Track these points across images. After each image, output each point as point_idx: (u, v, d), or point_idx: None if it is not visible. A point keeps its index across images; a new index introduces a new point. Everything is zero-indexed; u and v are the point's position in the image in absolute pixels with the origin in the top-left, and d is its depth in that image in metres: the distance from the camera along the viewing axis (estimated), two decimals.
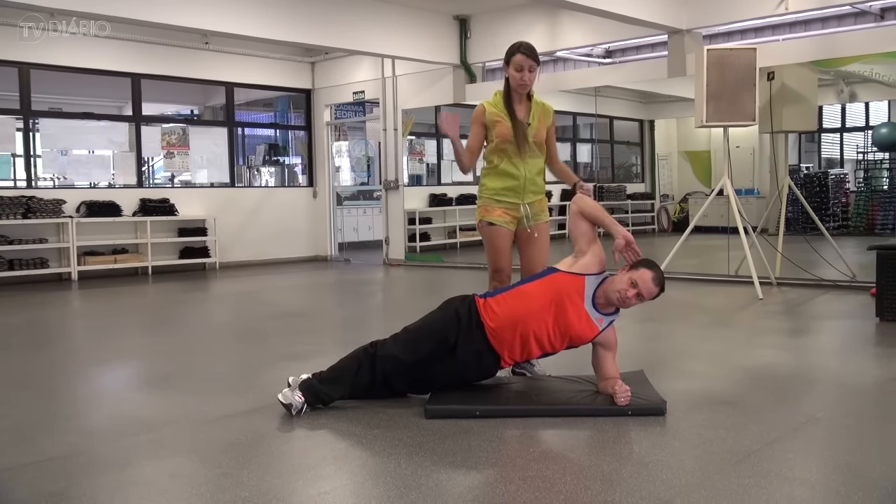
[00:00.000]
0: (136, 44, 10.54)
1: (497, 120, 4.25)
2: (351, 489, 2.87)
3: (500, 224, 4.29)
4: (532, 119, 4.29)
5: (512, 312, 3.67)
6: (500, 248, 4.31)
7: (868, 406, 3.88)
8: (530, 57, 4.19)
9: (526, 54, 4.19)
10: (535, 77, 4.24)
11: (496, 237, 4.31)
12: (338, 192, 13.49)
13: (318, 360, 4.14)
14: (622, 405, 3.55)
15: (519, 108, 4.28)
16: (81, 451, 3.29)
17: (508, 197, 4.29)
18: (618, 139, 14.41)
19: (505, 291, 3.81)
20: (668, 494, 2.68)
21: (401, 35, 10.33)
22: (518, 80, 4.21)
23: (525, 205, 4.31)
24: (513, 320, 3.67)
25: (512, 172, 4.28)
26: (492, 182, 4.32)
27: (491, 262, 4.36)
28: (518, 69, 4.19)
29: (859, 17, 8.78)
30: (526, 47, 4.22)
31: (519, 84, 4.22)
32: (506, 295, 3.76)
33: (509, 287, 3.89)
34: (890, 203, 10.60)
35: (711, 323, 6.39)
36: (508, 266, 4.32)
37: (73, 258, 10.10)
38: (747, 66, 7.34)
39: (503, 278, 4.30)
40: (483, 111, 4.29)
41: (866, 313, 6.18)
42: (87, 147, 11.41)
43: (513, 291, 3.78)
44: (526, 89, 4.26)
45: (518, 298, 3.71)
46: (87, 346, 6.05)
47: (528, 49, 4.22)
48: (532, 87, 4.30)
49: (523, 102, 4.31)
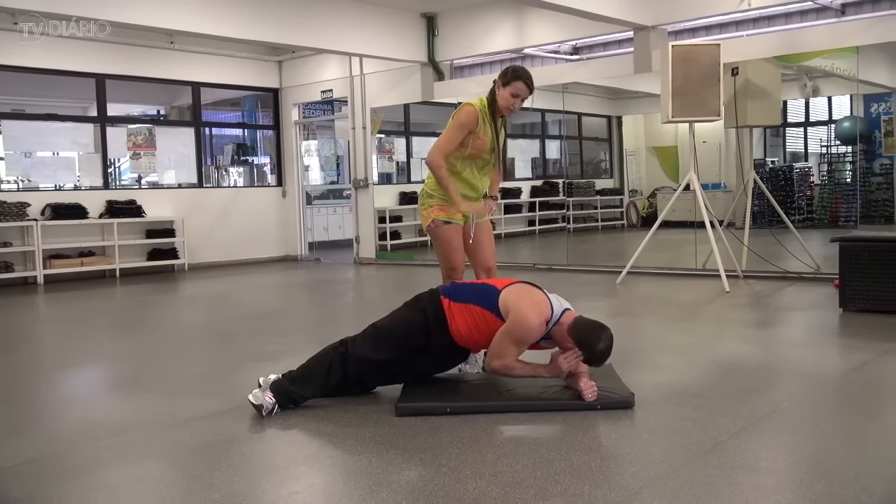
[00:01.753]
0: (101, 44, 10.38)
1: (479, 135, 4.28)
2: (322, 488, 2.88)
3: (456, 221, 4.34)
4: (501, 139, 4.42)
5: (468, 328, 3.71)
6: (458, 246, 4.38)
7: (831, 396, 3.95)
8: (529, 88, 4.27)
9: (527, 85, 4.25)
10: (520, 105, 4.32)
11: (454, 235, 4.35)
12: (307, 191, 13.43)
13: (289, 360, 4.13)
14: (590, 401, 3.59)
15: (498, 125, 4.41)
16: (50, 455, 3.26)
17: None
18: (586, 135, 14.50)
19: (466, 302, 3.74)
20: (637, 486, 2.71)
21: (368, 33, 10.30)
22: (508, 104, 4.27)
23: None
24: (470, 333, 3.73)
25: (473, 184, 4.39)
26: None
27: (448, 260, 4.39)
28: (514, 94, 4.25)
29: (821, 12, 8.89)
30: (528, 77, 4.28)
31: (507, 107, 4.28)
32: (465, 309, 3.72)
33: (473, 286, 3.90)
34: (853, 196, 10.77)
35: (679, 316, 6.46)
36: (462, 264, 4.39)
37: (39, 261, 9.96)
38: (712, 62, 7.42)
39: (458, 277, 4.34)
40: (476, 118, 4.26)
41: (830, 304, 6.28)
42: (51, 149, 11.26)
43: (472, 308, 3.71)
44: (510, 114, 4.34)
45: (475, 317, 3.70)
46: (54, 350, 5.98)
47: (529, 80, 4.28)
48: None
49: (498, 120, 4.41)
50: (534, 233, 13.70)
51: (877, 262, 5.86)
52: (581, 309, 3.87)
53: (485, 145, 4.30)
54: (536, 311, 3.60)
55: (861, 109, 10.80)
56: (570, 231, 12.50)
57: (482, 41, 10.54)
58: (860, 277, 5.94)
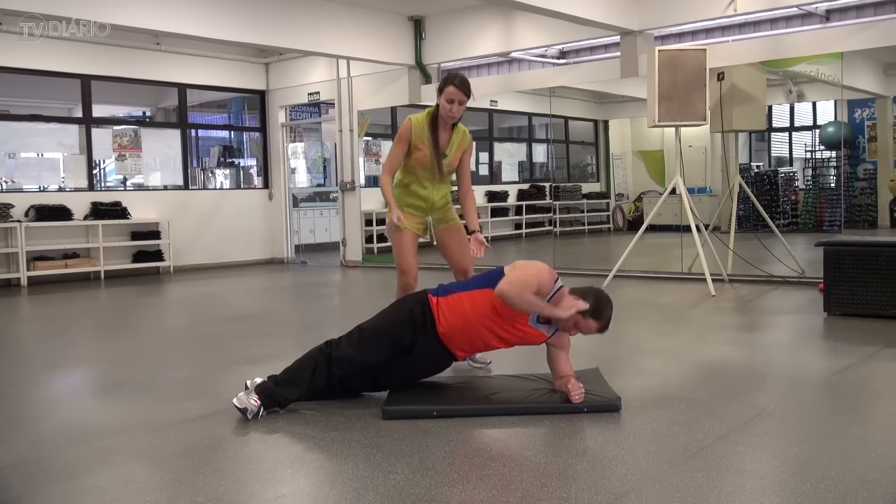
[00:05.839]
0: (86, 44, 10.34)
1: (419, 146, 4.39)
2: (308, 492, 2.87)
3: (406, 227, 4.44)
4: (450, 150, 4.46)
5: (461, 319, 3.71)
6: (405, 249, 4.48)
7: (816, 399, 3.97)
8: (462, 91, 4.33)
9: (458, 87, 4.33)
10: (463, 110, 4.39)
11: (401, 239, 4.48)
12: (294, 193, 13.41)
13: (276, 362, 4.12)
14: (577, 403, 3.59)
15: (442, 136, 4.45)
16: (33, 458, 3.23)
17: (414, 210, 4.51)
18: (573, 139, 14.55)
19: (457, 292, 3.79)
20: (623, 489, 2.72)
21: (355, 36, 10.30)
22: (447, 111, 4.36)
23: (429, 217, 4.58)
24: (463, 325, 3.71)
25: (421, 194, 4.50)
26: (400, 195, 4.50)
27: (397, 263, 4.54)
28: (449, 101, 4.33)
29: (806, 18, 8.97)
30: (460, 80, 4.36)
31: (447, 115, 4.37)
32: (456, 298, 3.74)
33: (463, 285, 3.90)
34: (837, 200, 10.85)
35: (665, 320, 6.49)
36: (414, 268, 4.50)
37: (23, 263, 9.89)
38: (698, 67, 7.46)
39: (409, 280, 4.46)
40: (409, 130, 4.41)
41: (814, 308, 6.32)
42: (35, 150, 11.19)
43: (463, 295, 3.75)
44: (453, 121, 4.42)
45: (467, 304, 3.71)
46: (37, 353, 5.92)
47: (461, 83, 4.35)
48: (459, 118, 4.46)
49: (447, 130, 4.46)
50: (520, 236, 13.73)
51: (860, 267, 5.91)
52: None
53: (424, 157, 4.40)
54: (545, 268, 3.72)
55: (845, 115, 10.90)
56: (557, 234, 12.54)
57: (469, 44, 10.55)
58: (844, 281, 5.99)
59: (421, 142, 4.39)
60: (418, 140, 4.39)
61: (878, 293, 5.85)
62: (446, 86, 4.33)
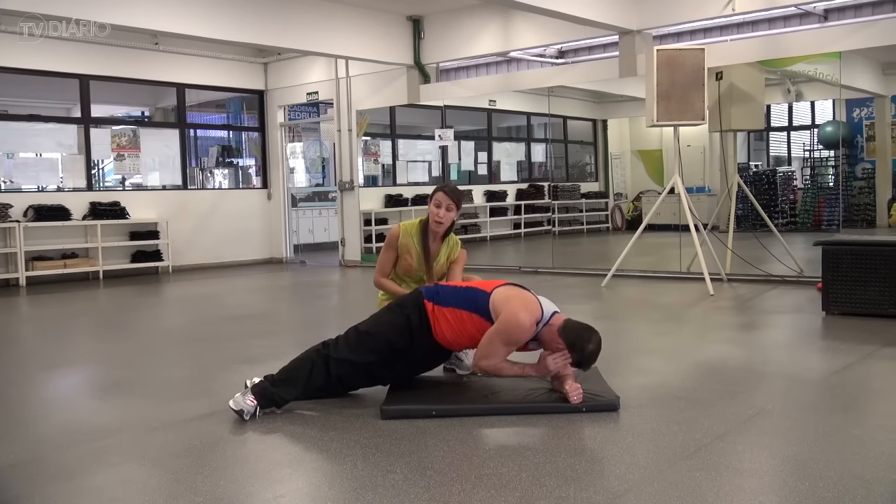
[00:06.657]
0: (85, 44, 10.33)
1: (406, 254, 4.35)
2: (307, 492, 2.87)
3: None
4: (437, 261, 4.40)
5: (456, 333, 3.72)
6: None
7: (814, 398, 3.97)
8: (450, 197, 4.30)
9: (447, 194, 4.31)
10: (452, 217, 4.33)
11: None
12: (293, 193, 13.41)
13: (274, 362, 4.11)
14: (575, 403, 3.59)
15: (433, 246, 4.40)
16: (32, 458, 3.23)
17: None
18: (571, 139, 14.55)
19: (452, 306, 3.73)
20: (622, 488, 2.72)
21: (354, 36, 10.29)
22: (435, 216, 4.31)
23: None
24: (457, 337, 3.74)
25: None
26: None
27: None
28: (437, 205, 4.30)
29: (804, 17, 8.96)
30: (450, 188, 4.36)
31: (435, 220, 4.31)
32: (450, 313, 3.72)
33: (458, 289, 3.88)
34: (836, 199, 10.84)
35: (664, 319, 6.49)
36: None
37: (21, 263, 9.88)
38: (696, 66, 7.46)
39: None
40: (397, 238, 4.37)
41: (813, 307, 6.33)
42: (34, 150, 11.19)
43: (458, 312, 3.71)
44: (442, 228, 4.34)
45: (462, 322, 3.70)
46: (36, 353, 5.92)
47: (451, 190, 4.34)
48: (449, 228, 4.39)
49: (437, 241, 4.41)
50: (519, 236, 13.72)
51: (859, 266, 5.92)
52: (566, 311, 3.87)
53: (410, 267, 4.37)
54: (528, 312, 3.60)
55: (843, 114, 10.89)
56: (556, 234, 12.55)
57: (468, 44, 10.55)
58: (843, 281, 5.99)
59: (407, 251, 4.35)
60: (404, 250, 4.35)
61: (876, 292, 5.86)
62: (436, 193, 4.32)
